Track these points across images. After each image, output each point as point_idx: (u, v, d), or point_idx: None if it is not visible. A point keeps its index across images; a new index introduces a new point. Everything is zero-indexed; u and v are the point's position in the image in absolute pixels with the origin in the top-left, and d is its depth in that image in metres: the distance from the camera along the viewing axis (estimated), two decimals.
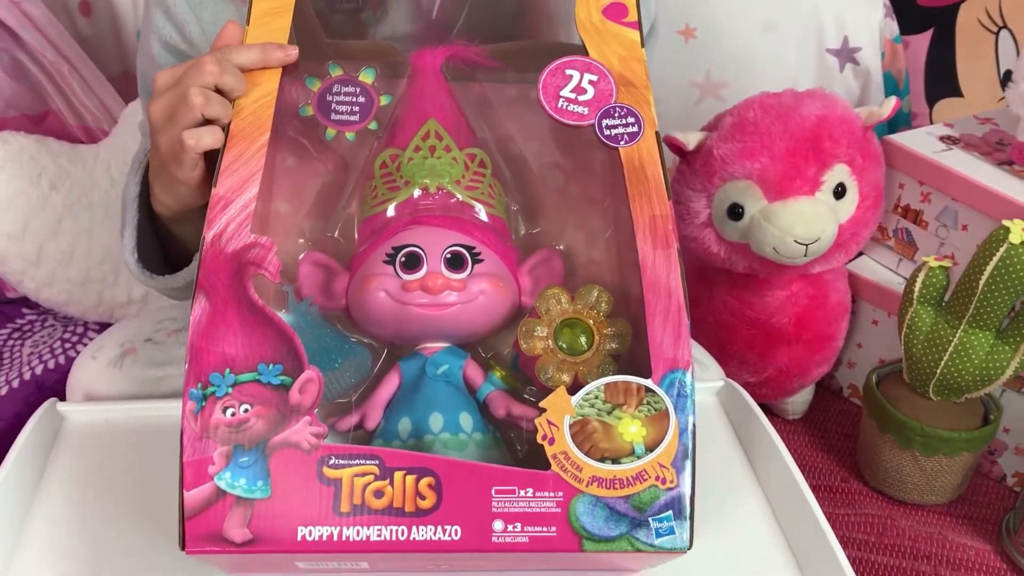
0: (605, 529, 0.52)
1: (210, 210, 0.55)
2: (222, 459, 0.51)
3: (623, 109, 0.59)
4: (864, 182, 1.00)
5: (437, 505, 0.51)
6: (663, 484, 0.52)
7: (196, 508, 0.51)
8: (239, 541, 0.50)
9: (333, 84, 0.60)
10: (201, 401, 0.52)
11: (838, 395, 1.21)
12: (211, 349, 0.53)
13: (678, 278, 0.55)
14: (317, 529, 0.51)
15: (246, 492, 0.51)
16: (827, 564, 0.62)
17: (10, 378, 1.10)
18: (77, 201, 1.13)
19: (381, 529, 0.51)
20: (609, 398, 0.54)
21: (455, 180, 0.61)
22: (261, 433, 0.52)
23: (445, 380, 0.58)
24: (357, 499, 0.51)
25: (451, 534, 0.51)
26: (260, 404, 0.52)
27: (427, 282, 0.57)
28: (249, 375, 0.52)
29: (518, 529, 0.51)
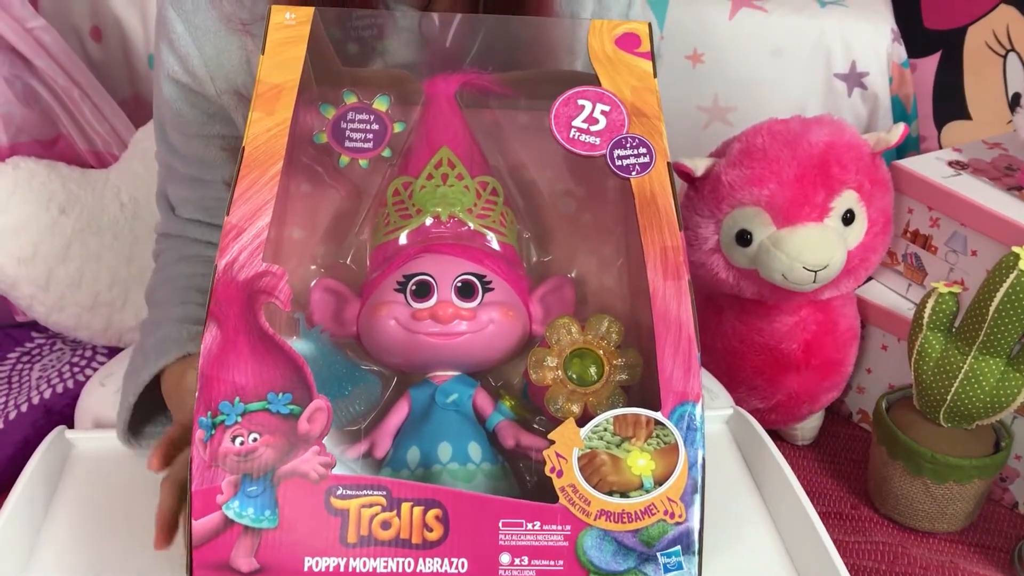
0: (613, 563, 0.52)
1: (223, 238, 0.55)
2: (230, 488, 0.51)
3: (635, 140, 0.59)
4: (873, 208, 1.00)
5: (444, 537, 0.51)
6: (672, 519, 0.52)
7: (204, 537, 0.51)
8: (246, 571, 0.50)
9: (347, 111, 0.61)
10: (211, 429, 0.52)
11: (848, 420, 1.21)
12: (221, 377, 0.52)
13: (688, 310, 0.55)
14: (324, 560, 0.51)
15: (254, 522, 0.51)
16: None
17: (19, 402, 1.10)
18: (86, 226, 1.13)
19: (388, 561, 0.51)
20: (618, 431, 0.53)
21: (467, 208, 0.61)
22: (270, 462, 0.52)
23: (454, 409, 0.58)
24: (364, 530, 0.51)
25: (458, 567, 0.51)
26: (269, 433, 0.52)
27: (437, 311, 0.57)
28: (259, 404, 0.52)
29: (525, 563, 0.51)
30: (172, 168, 0.80)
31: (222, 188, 0.79)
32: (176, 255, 0.80)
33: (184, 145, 0.77)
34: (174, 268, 0.79)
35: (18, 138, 1.14)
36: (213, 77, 0.73)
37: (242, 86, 0.73)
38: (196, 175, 0.78)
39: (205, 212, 0.80)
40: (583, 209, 0.65)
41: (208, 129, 0.75)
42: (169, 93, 0.74)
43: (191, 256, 0.80)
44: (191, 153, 0.77)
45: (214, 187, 0.79)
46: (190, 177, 0.79)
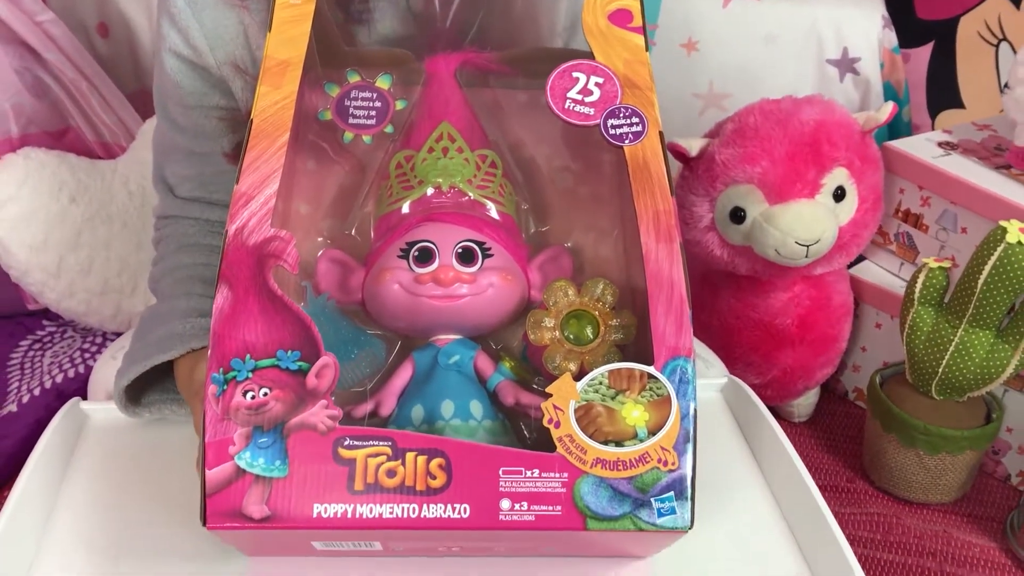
0: (609, 509, 0.53)
1: (232, 205, 0.57)
2: (242, 440, 0.53)
3: (628, 110, 0.61)
4: (863, 185, 1.02)
5: (447, 484, 0.53)
6: (665, 466, 0.54)
7: (217, 486, 0.52)
8: (257, 517, 0.52)
9: (351, 90, 0.63)
10: (223, 385, 0.53)
11: (843, 399, 1.22)
12: (232, 336, 0.54)
13: (680, 271, 0.56)
14: (332, 506, 0.52)
15: (265, 471, 0.53)
16: (832, 556, 0.63)
17: (31, 387, 1.12)
18: (96, 214, 1.15)
19: (393, 507, 0.52)
20: (613, 384, 0.55)
21: (467, 179, 0.63)
22: (279, 415, 0.53)
23: (456, 370, 0.60)
24: (371, 478, 0.53)
25: (460, 512, 0.52)
26: (279, 388, 0.54)
27: (439, 274, 0.59)
28: (268, 361, 0.54)
29: (525, 508, 0.53)
30: (172, 145, 0.81)
31: (221, 161, 0.81)
32: (176, 243, 0.81)
33: (184, 117, 0.78)
34: (176, 257, 0.80)
35: (28, 129, 1.16)
36: (212, 48, 0.75)
37: (239, 59, 0.75)
38: (195, 148, 0.80)
39: (204, 188, 0.81)
40: (580, 183, 0.67)
41: (208, 100, 0.77)
42: (171, 67, 0.75)
43: (191, 244, 0.81)
44: (192, 125, 0.78)
45: (213, 160, 0.80)
46: (189, 151, 0.80)
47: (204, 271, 0.78)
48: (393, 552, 0.61)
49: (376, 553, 0.61)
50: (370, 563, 0.63)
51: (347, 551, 0.60)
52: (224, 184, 0.81)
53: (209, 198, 0.83)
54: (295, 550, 0.61)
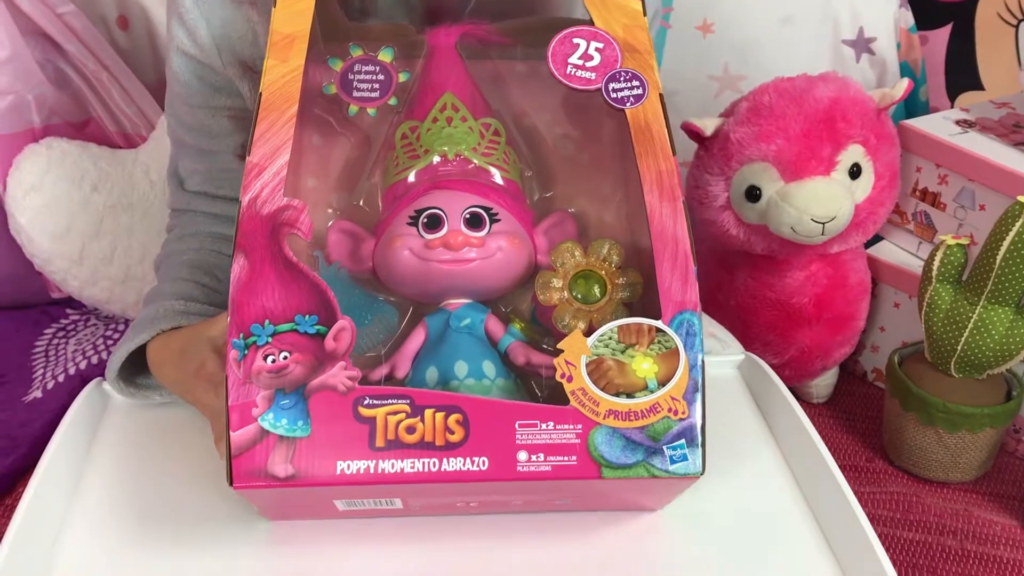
0: (622, 457, 0.55)
1: (245, 176, 0.58)
2: (264, 402, 0.54)
3: (628, 73, 0.62)
4: (879, 162, 1.01)
5: (465, 439, 0.54)
6: (675, 415, 0.55)
7: (242, 447, 0.54)
8: (282, 476, 0.53)
9: (354, 64, 0.64)
10: (243, 350, 0.55)
11: (862, 379, 1.22)
12: (251, 302, 0.56)
13: (684, 228, 0.58)
14: (355, 463, 0.54)
15: (288, 431, 0.54)
16: (853, 536, 0.64)
17: (56, 373, 1.14)
18: (117, 202, 1.17)
19: (414, 462, 0.54)
20: (622, 338, 0.56)
21: (471, 147, 0.64)
22: (300, 378, 0.55)
23: (468, 332, 0.61)
24: (391, 435, 0.54)
25: (479, 465, 0.54)
26: (298, 351, 0.55)
27: (449, 239, 0.60)
28: (287, 325, 0.56)
29: (541, 459, 0.54)
30: (182, 142, 0.83)
31: (230, 159, 0.82)
32: (181, 232, 0.83)
33: (191, 116, 0.80)
34: (176, 244, 0.82)
35: (50, 120, 1.18)
36: (220, 49, 0.76)
37: (247, 58, 0.76)
38: (203, 146, 0.81)
39: (212, 183, 0.83)
40: (580, 150, 0.68)
41: (215, 101, 0.78)
42: (178, 66, 0.77)
43: (194, 233, 0.82)
44: (197, 124, 0.80)
45: (221, 158, 0.81)
46: (198, 149, 0.82)
47: (195, 256, 0.80)
48: (412, 512, 0.62)
49: (396, 512, 0.62)
50: (388, 524, 0.64)
51: (368, 510, 0.61)
52: (231, 180, 0.83)
53: (215, 192, 0.84)
54: (317, 511, 0.62)
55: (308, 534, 0.64)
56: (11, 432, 1.04)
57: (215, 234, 0.83)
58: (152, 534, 0.65)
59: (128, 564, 0.63)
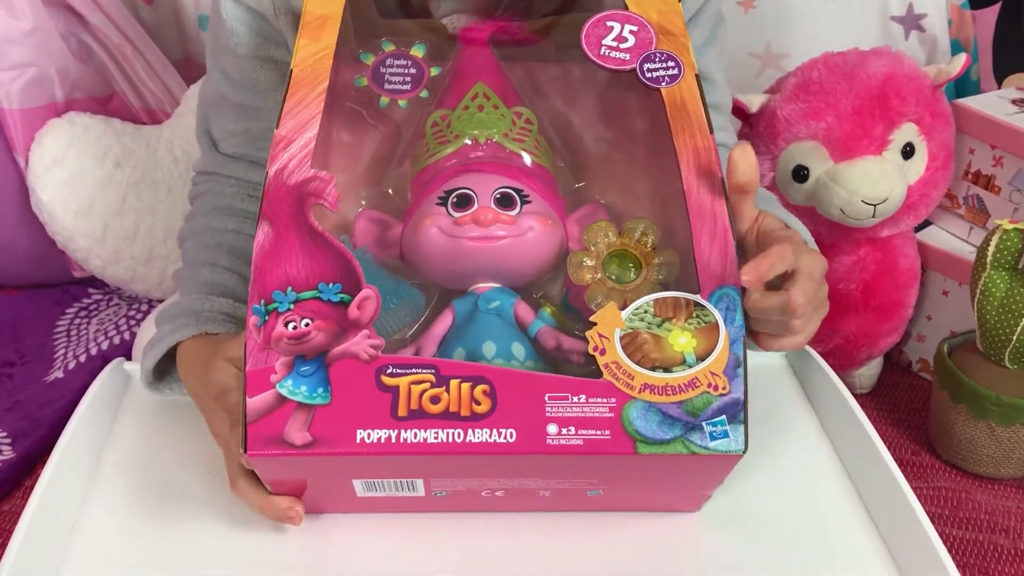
0: (659, 432, 0.53)
1: (273, 148, 0.58)
2: (284, 368, 0.53)
3: (663, 55, 0.62)
4: (933, 142, 0.99)
5: (492, 410, 0.53)
6: (715, 391, 0.54)
7: (258, 413, 0.53)
8: (299, 443, 0.52)
9: (386, 58, 0.64)
10: (264, 316, 0.54)
11: (907, 370, 1.19)
12: (273, 269, 0.55)
13: (723, 205, 0.57)
14: (376, 432, 0.52)
15: (307, 398, 0.53)
16: (909, 530, 0.62)
17: (77, 353, 1.14)
18: (141, 179, 1.15)
19: (438, 432, 0.53)
20: (659, 312, 0.55)
21: (503, 133, 0.64)
22: (321, 345, 0.54)
23: (497, 314, 0.60)
24: (415, 404, 0.53)
25: (506, 436, 0.52)
26: (320, 319, 0.54)
27: (479, 215, 0.59)
28: (310, 293, 0.55)
29: (572, 432, 0.53)
30: (221, 97, 0.80)
31: (272, 118, 0.78)
32: (211, 203, 0.80)
33: (235, 67, 0.77)
34: (207, 219, 0.78)
35: (73, 94, 1.17)
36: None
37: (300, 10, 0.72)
38: (247, 102, 0.78)
39: (251, 144, 0.80)
40: (615, 151, 0.68)
41: (262, 51, 0.76)
42: (227, 11, 0.74)
43: (226, 207, 0.79)
44: (242, 76, 0.77)
45: (263, 117, 0.78)
46: (239, 106, 0.79)
47: (234, 240, 0.77)
48: (435, 502, 0.61)
49: (416, 505, 0.61)
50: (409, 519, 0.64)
51: (388, 496, 0.60)
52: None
53: (255, 156, 0.81)
54: (333, 498, 0.62)
55: (326, 522, 0.64)
56: (32, 413, 1.04)
57: (250, 213, 0.79)
58: (171, 517, 0.65)
59: (147, 548, 0.63)
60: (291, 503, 0.61)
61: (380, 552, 0.62)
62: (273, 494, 0.61)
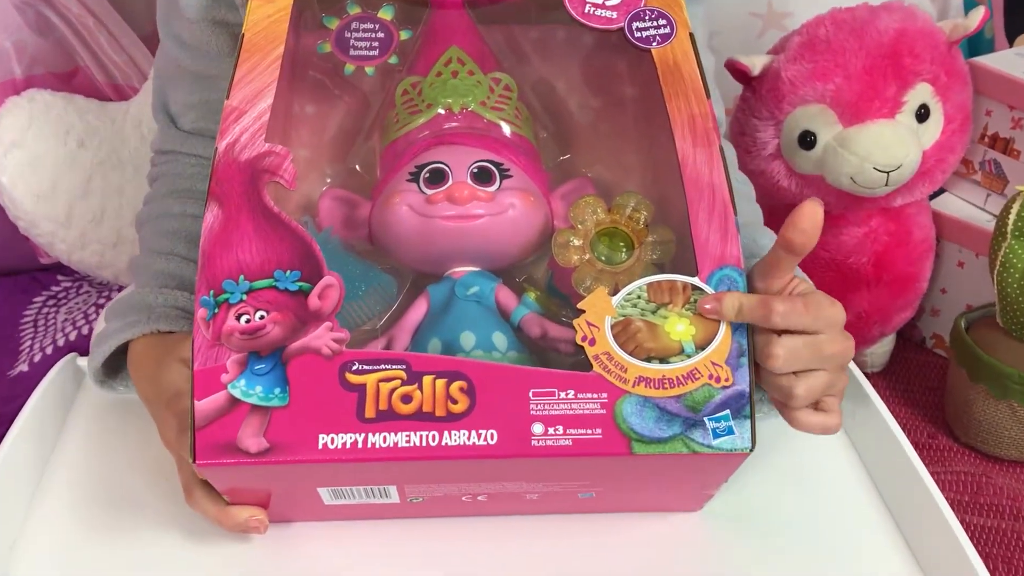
0: (656, 430, 0.50)
1: (223, 121, 0.56)
2: (236, 367, 0.50)
3: (654, 12, 0.60)
4: (949, 103, 0.96)
5: (470, 409, 0.50)
6: (717, 383, 0.51)
7: (208, 417, 0.49)
8: (255, 451, 0.49)
9: (351, 22, 0.61)
10: (213, 308, 0.51)
11: (920, 346, 1.16)
12: (224, 256, 0.52)
13: (722, 175, 0.54)
14: (340, 436, 0.49)
15: (262, 400, 0.50)
16: (928, 518, 0.61)
17: (43, 345, 1.10)
18: (106, 159, 1.11)
19: (410, 435, 0.49)
20: (653, 298, 0.53)
21: (480, 101, 0.61)
22: (278, 339, 0.51)
23: (476, 301, 0.57)
24: (383, 404, 0.50)
25: (486, 438, 0.49)
26: (277, 310, 0.51)
27: (453, 192, 0.56)
28: (265, 281, 0.52)
29: (560, 432, 0.50)
30: (176, 67, 0.76)
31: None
32: (170, 185, 0.77)
33: (188, 32, 0.73)
34: (165, 202, 0.76)
35: (33, 70, 1.13)
36: None
37: None
38: (202, 70, 0.75)
39: (211, 118, 0.77)
40: (601, 119, 0.65)
41: (216, 12, 0.72)
42: None
43: (186, 189, 0.76)
44: (195, 40, 0.73)
45: (222, 86, 0.73)
46: (195, 75, 0.76)
47: (192, 225, 0.74)
48: (410, 509, 0.59)
49: (391, 512, 0.59)
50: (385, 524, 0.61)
51: (358, 504, 0.57)
52: None
53: (216, 131, 0.75)
54: (297, 506, 0.59)
55: (294, 532, 0.61)
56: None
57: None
58: (124, 531, 0.62)
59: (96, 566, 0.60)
60: (253, 513, 0.57)
61: (353, 563, 0.60)
62: (232, 504, 0.57)
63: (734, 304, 0.51)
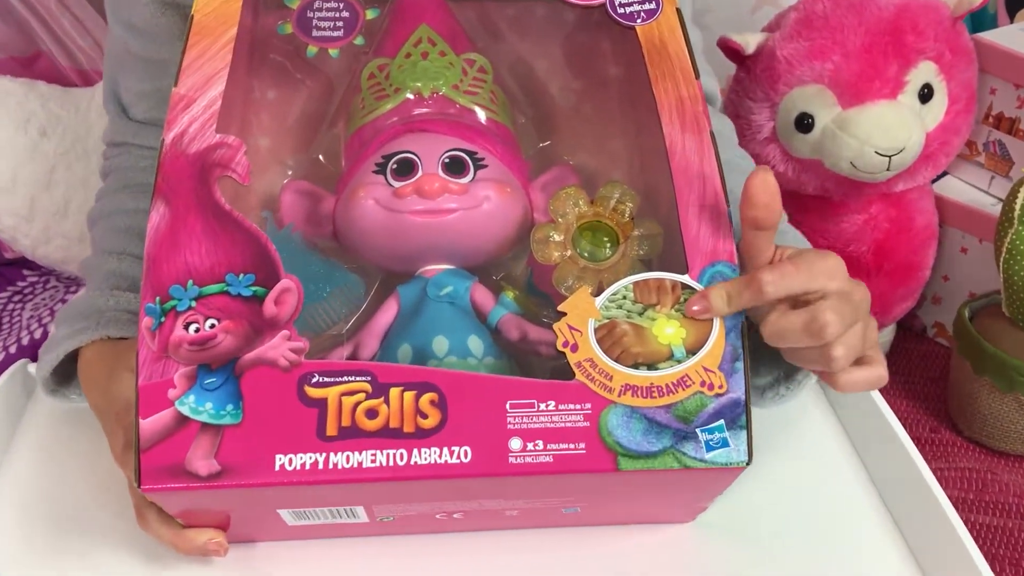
0: (644, 443, 0.48)
1: (170, 111, 0.54)
2: (184, 381, 0.48)
3: None
4: (954, 82, 0.94)
5: (442, 424, 0.48)
6: (711, 390, 0.49)
7: (153, 438, 0.47)
8: (205, 474, 0.46)
9: (313, 0, 0.60)
10: (160, 316, 0.49)
11: (921, 336, 1.15)
12: (171, 259, 0.50)
13: (713, 163, 0.53)
14: (299, 457, 0.47)
15: (213, 418, 0.47)
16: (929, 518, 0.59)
17: (7, 344, 1.07)
18: (70, 149, 1.08)
19: (376, 454, 0.47)
20: (640, 298, 0.50)
21: (452, 84, 0.59)
22: (230, 350, 0.48)
23: (449, 302, 0.55)
24: (346, 420, 0.47)
25: (459, 456, 0.47)
26: (229, 318, 0.49)
27: (422, 184, 0.54)
28: (216, 287, 0.50)
29: (540, 448, 0.47)
30: (126, 53, 0.74)
31: None
32: (122, 179, 0.75)
33: (139, 15, 0.70)
34: (117, 198, 0.73)
35: None
36: None
37: None
38: (153, 55, 0.72)
39: (165, 107, 0.73)
40: (584, 101, 0.64)
41: None
42: None
43: (139, 183, 0.74)
44: (147, 24, 0.71)
45: (174, 71, 0.70)
46: (146, 61, 0.73)
47: (145, 222, 0.68)
48: (381, 527, 0.56)
49: (362, 529, 0.56)
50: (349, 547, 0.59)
51: (323, 525, 0.55)
52: None
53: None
54: (258, 527, 0.57)
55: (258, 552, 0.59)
56: None
57: None
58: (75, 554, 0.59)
59: None
60: (211, 536, 0.55)
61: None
62: (188, 527, 0.55)
63: (722, 295, 0.50)
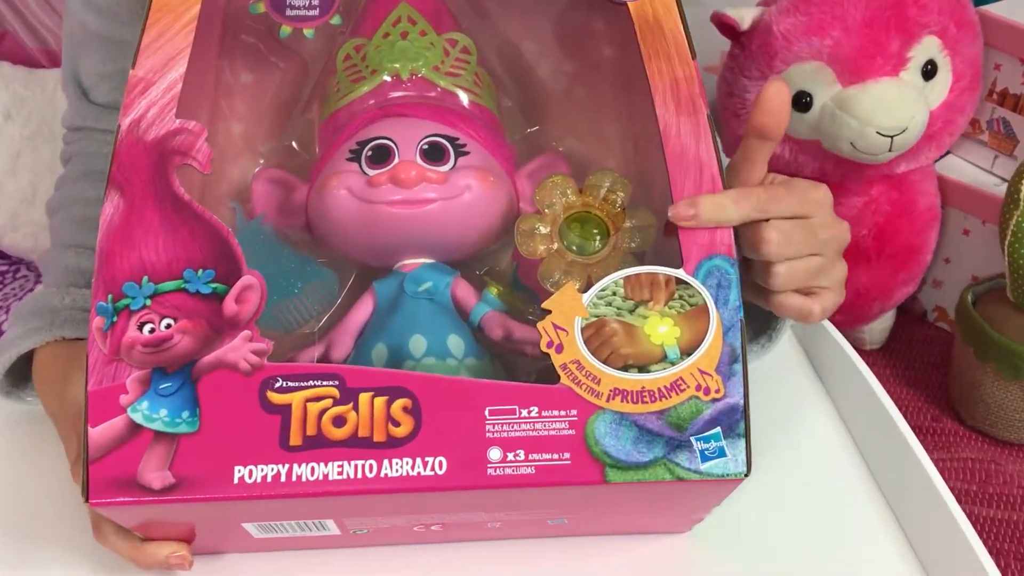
0: (634, 453, 0.46)
1: (127, 94, 0.51)
2: (137, 386, 0.46)
3: None
4: (959, 58, 0.93)
5: (415, 432, 0.46)
6: (706, 395, 0.46)
7: (104, 448, 0.45)
8: (158, 487, 0.44)
9: None
10: (112, 316, 0.47)
11: (922, 320, 1.15)
12: (125, 254, 0.48)
13: (710, 147, 0.50)
14: (260, 468, 0.45)
15: (168, 426, 0.45)
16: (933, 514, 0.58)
17: None
18: (37, 132, 1.06)
19: (343, 465, 0.45)
20: (630, 294, 0.48)
21: (432, 66, 0.57)
22: (187, 352, 0.47)
23: (428, 298, 0.53)
24: (311, 429, 0.46)
25: (434, 467, 0.45)
26: (186, 318, 0.47)
27: (398, 172, 0.51)
28: (172, 283, 0.48)
29: (521, 458, 0.45)
30: (85, 32, 0.72)
31: None
32: (83, 166, 0.73)
33: None
34: (77, 187, 0.71)
35: None
36: None
37: None
38: (114, 35, 0.70)
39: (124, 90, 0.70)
40: (576, 84, 0.62)
41: None
42: None
43: (100, 171, 0.71)
44: (106, 2, 0.68)
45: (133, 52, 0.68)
46: (107, 40, 0.71)
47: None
48: (355, 539, 0.54)
49: (335, 542, 0.54)
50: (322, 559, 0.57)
51: (294, 537, 0.53)
52: None
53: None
54: (222, 540, 0.55)
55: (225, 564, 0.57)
56: None
57: None
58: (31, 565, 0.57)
59: None
60: (174, 549, 0.52)
61: None
62: (148, 539, 0.52)
63: (714, 204, 0.48)
